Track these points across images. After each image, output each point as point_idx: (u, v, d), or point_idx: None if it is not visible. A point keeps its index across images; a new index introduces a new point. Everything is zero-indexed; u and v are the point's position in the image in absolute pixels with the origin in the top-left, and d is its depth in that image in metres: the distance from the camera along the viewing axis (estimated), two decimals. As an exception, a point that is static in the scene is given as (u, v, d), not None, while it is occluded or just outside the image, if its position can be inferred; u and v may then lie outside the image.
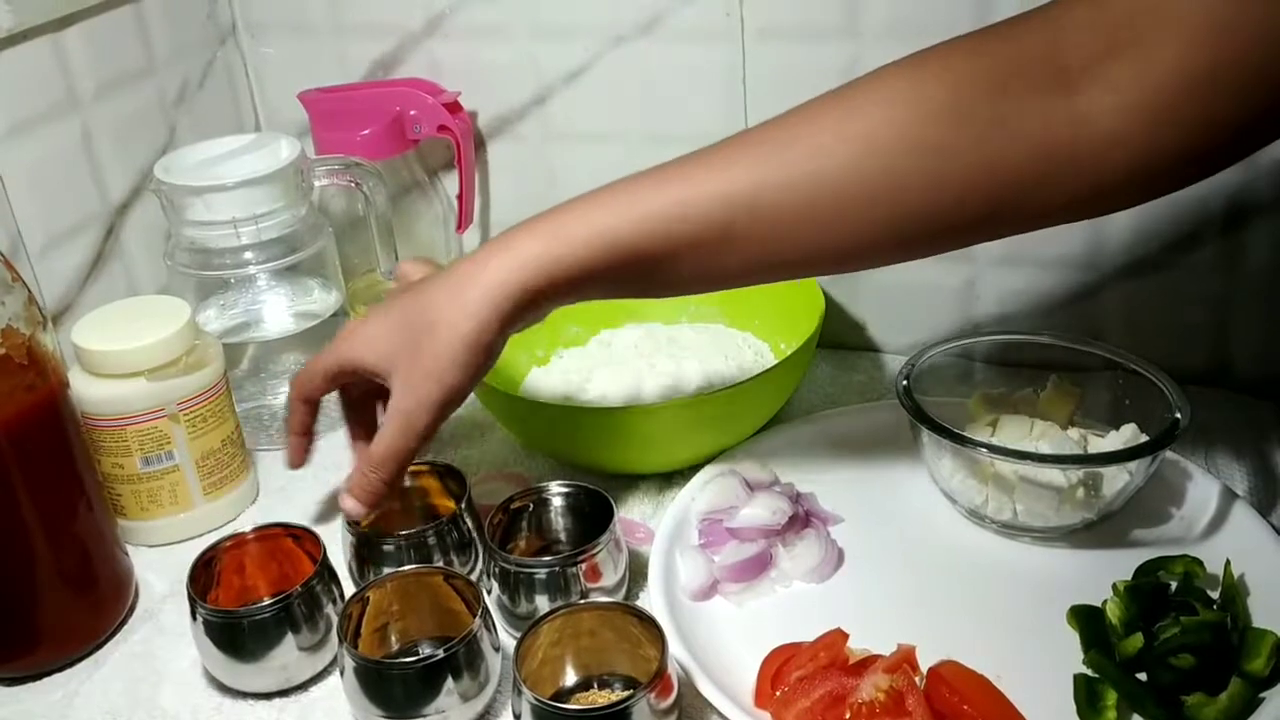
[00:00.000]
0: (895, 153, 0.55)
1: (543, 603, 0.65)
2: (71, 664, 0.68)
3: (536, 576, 0.65)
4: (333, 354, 0.66)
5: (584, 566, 0.65)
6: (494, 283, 0.59)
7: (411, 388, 0.61)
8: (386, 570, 0.67)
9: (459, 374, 0.61)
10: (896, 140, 0.55)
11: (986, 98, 0.54)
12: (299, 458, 0.72)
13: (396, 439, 0.62)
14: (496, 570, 0.66)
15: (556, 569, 0.65)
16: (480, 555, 0.71)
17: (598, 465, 0.80)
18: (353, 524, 0.69)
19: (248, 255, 0.82)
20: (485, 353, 0.61)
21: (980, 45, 0.56)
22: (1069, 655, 0.62)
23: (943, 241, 0.59)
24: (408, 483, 0.73)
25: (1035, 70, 0.54)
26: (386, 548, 0.68)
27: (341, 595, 0.66)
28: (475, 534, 0.70)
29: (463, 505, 0.70)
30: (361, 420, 0.71)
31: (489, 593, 0.66)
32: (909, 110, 0.55)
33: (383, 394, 0.68)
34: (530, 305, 0.60)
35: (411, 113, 0.91)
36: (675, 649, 0.61)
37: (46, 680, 0.67)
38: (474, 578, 0.69)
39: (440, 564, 0.68)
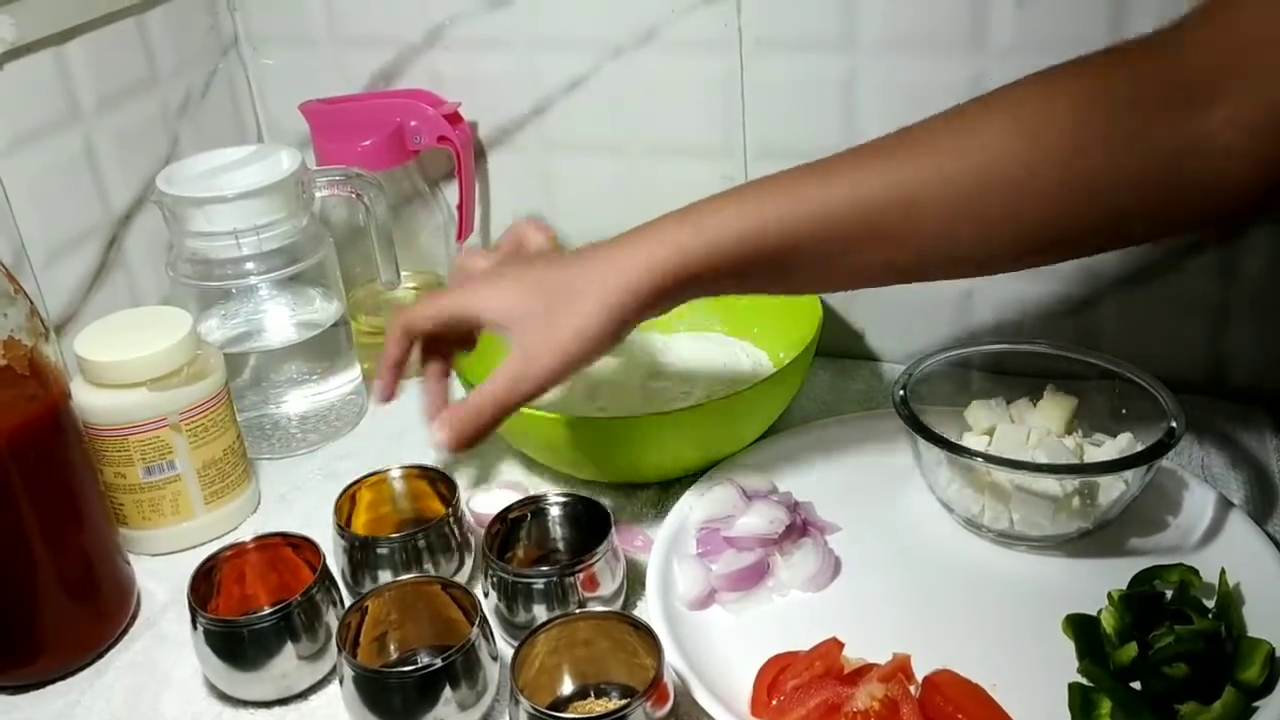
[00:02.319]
0: (1021, 166, 0.57)
1: (540, 612, 0.65)
2: (73, 673, 0.69)
3: (534, 586, 0.65)
4: (456, 301, 0.67)
5: (581, 576, 0.65)
6: (635, 266, 0.61)
7: (535, 353, 0.63)
8: (379, 573, 0.68)
9: (583, 350, 0.62)
10: (1022, 154, 0.57)
11: (1113, 113, 0.56)
12: (390, 391, 0.73)
13: (503, 392, 0.64)
14: (495, 580, 0.66)
15: (554, 579, 0.65)
16: (470, 559, 0.72)
17: (596, 475, 0.80)
18: (344, 529, 0.70)
19: (249, 266, 0.83)
20: (614, 335, 0.63)
21: (1106, 63, 0.58)
22: (1064, 664, 0.62)
23: (1060, 251, 0.61)
24: (399, 488, 0.74)
25: (1160, 87, 0.55)
26: (380, 550, 0.69)
27: (341, 604, 0.67)
28: (465, 538, 0.71)
29: (452, 510, 0.71)
30: (438, 364, 0.73)
31: (485, 595, 0.66)
32: (1035, 125, 0.57)
33: (465, 344, 0.72)
34: (667, 294, 0.62)
35: (412, 123, 0.92)
36: (672, 658, 0.62)
37: (48, 689, 0.68)
38: (462, 579, 0.70)
39: (430, 568, 0.69)
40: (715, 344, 0.91)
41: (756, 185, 0.63)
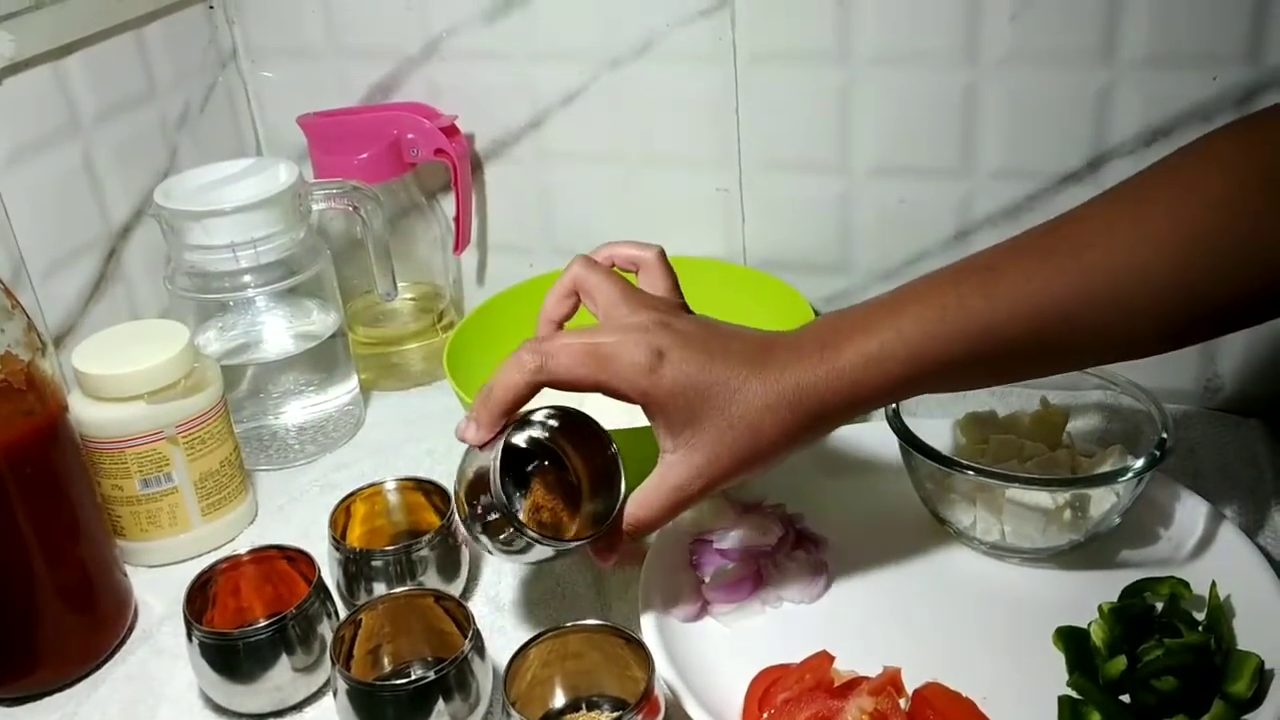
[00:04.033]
0: (1182, 249, 0.57)
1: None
2: (70, 685, 0.69)
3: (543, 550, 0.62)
4: (619, 376, 0.60)
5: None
6: (806, 398, 0.60)
7: (696, 467, 0.61)
8: (374, 585, 0.69)
9: (746, 472, 0.62)
10: (1181, 235, 0.57)
11: (1263, 189, 0.56)
12: (489, 438, 0.62)
13: (664, 510, 0.62)
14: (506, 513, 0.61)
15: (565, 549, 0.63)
16: (465, 573, 0.72)
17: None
18: (339, 542, 0.70)
19: (246, 278, 0.83)
20: (778, 458, 0.62)
21: (1253, 132, 0.58)
22: (1054, 677, 0.62)
23: (1226, 326, 0.60)
24: (394, 500, 0.74)
25: None
26: (375, 563, 0.69)
27: (336, 616, 0.67)
28: (460, 550, 0.72)
29: (447, 522, 0.71)
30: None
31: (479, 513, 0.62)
32: (1193, 206, 0.57)
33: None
34: (837, 417, 0.61)
35: (409, 136, 0.92)
36: (663, 670, 0.62)
37: (45, 701, 0.68)
38: (456, 591, 0.70)
39: (424, 580, 0.70)
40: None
41: (914, 295, 0.61)
